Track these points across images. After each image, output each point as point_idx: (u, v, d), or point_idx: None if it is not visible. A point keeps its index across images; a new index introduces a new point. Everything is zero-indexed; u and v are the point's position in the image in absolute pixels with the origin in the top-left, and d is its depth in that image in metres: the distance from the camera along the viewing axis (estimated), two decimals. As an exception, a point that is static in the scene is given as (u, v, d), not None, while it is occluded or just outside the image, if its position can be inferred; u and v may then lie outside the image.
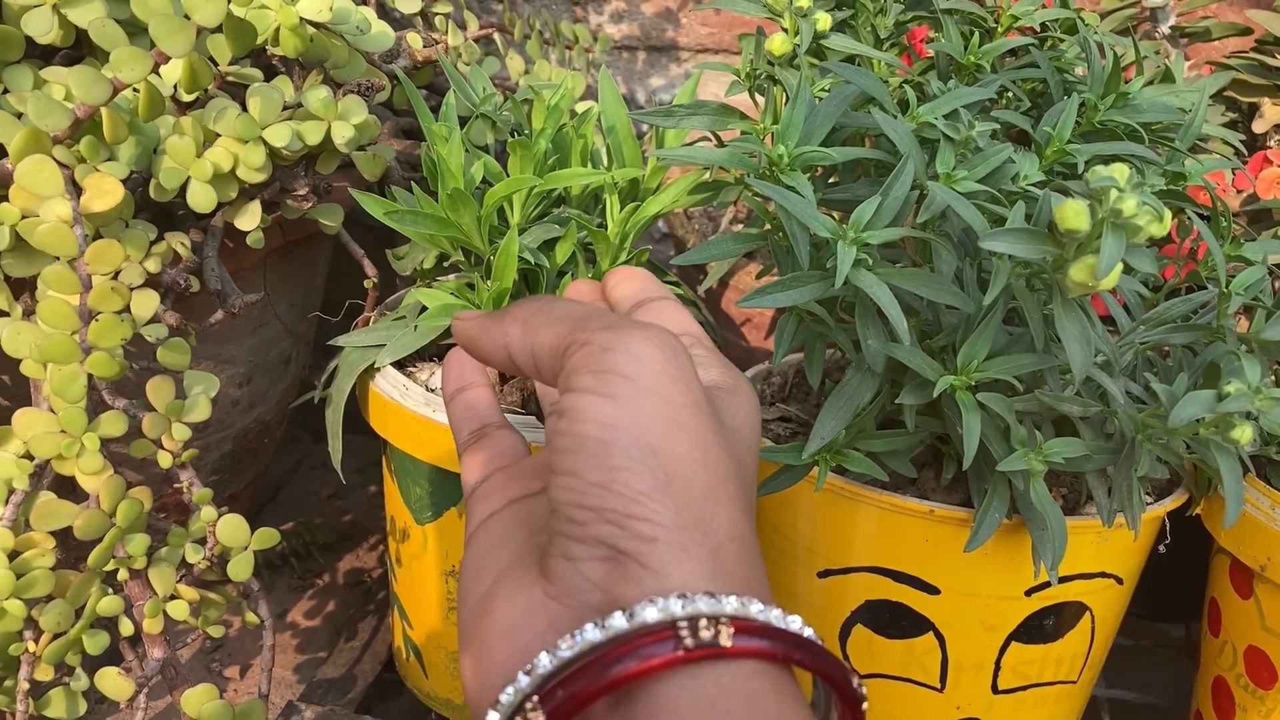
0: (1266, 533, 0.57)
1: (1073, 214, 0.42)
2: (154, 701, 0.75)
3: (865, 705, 0.33)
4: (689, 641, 0.29)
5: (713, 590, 0.31)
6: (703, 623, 0.29)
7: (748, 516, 0.34)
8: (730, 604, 0.30)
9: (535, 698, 0.30)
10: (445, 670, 0.71)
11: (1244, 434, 0.44)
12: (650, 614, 0.30)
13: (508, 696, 0.31)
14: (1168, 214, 0.42)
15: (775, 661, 0.30)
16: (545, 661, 0.30)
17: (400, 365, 0.67)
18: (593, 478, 0.32)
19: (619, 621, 0.30)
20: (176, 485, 0.59)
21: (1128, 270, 0.46)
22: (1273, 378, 0.46)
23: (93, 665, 0.58)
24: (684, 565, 0.31)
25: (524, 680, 0.31)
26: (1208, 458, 0.46)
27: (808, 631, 0.32)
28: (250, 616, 0.62)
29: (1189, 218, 0.53)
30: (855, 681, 0.32)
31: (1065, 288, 0.44)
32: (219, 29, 0.54)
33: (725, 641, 0.29)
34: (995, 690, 0.61)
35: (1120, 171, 0.42)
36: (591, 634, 0.30)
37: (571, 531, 0.32)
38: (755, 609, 0.30)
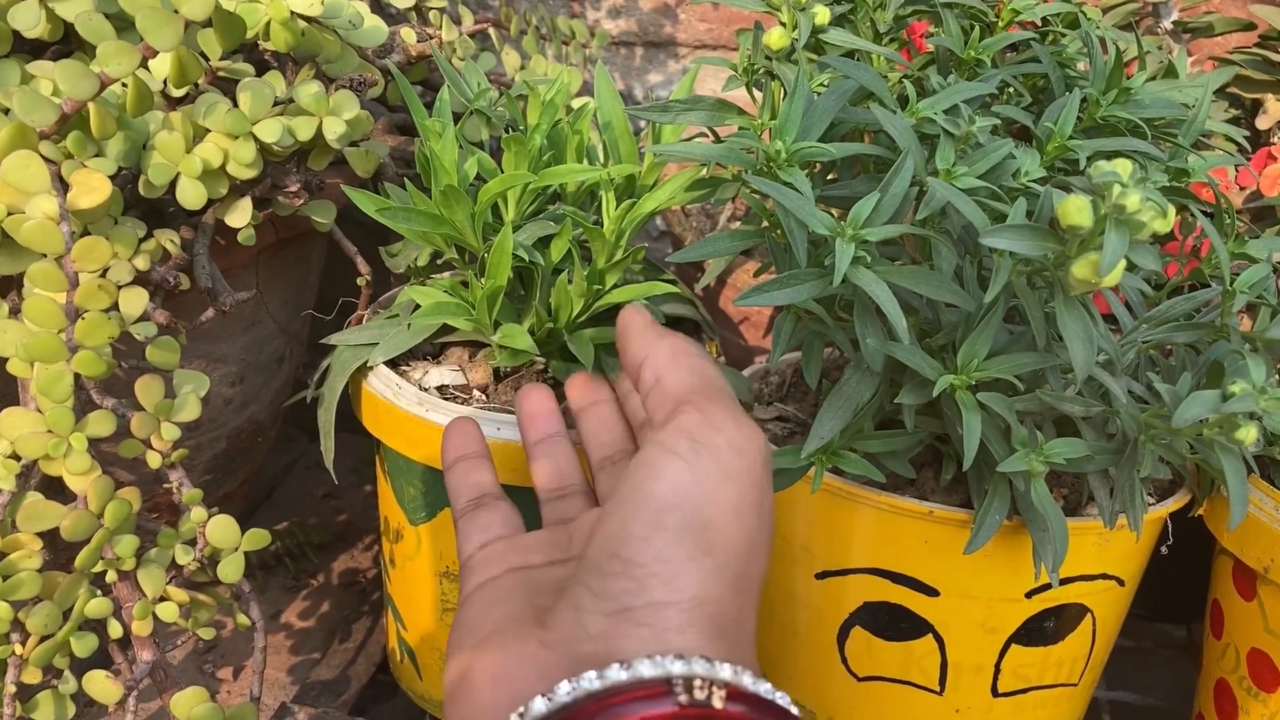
0: (1270, 534, 0.56)
1: (1075, 210, 0.41)
2: (144, 704, 0.74)
3: None
4: (683, 699, 0.31)
5: (710, 657, 0.32)
6: (697, 683, 0.31)
7: (755, 612, 0.36)
8: (725, 671, 0.32)
9: None
10: (439, 672, 0.70)
11: (1249, 434, 0.44)
12: (646, 669, 0.31)
13: None
14: (1171, 210, 0.42)
15: None
16: (540, 705, 0.32)
17: (393, 364, 0.66)
18: (639, 530, 0.34)
19: (616, 673, 0.31)
20: (167, 485, 0.58)
21: (1130, 267, 0.46)
22: (1277, 378, 0.45)
23: (81, 668, 0.57)
24: (688, 632, 0.33)
25: None
26: (1211, 458, 0.46)
27: (794, 709, 0.33)
28: (241, 618, 0.61)
29: (1192, 215, 0.52)
30: None
31: (1067, 285, 0.44)
32: (208, 23, 0.54)
33: (717, 704, 0.31)
34: (995, 693, 0.60)
35: (1123, 167, 0.42)
36: (589, 682, 0.31)
37: (592, 581, 0.34)
38: (747, 679, 0.32)
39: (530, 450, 0.49)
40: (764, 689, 0.32)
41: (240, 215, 0.61)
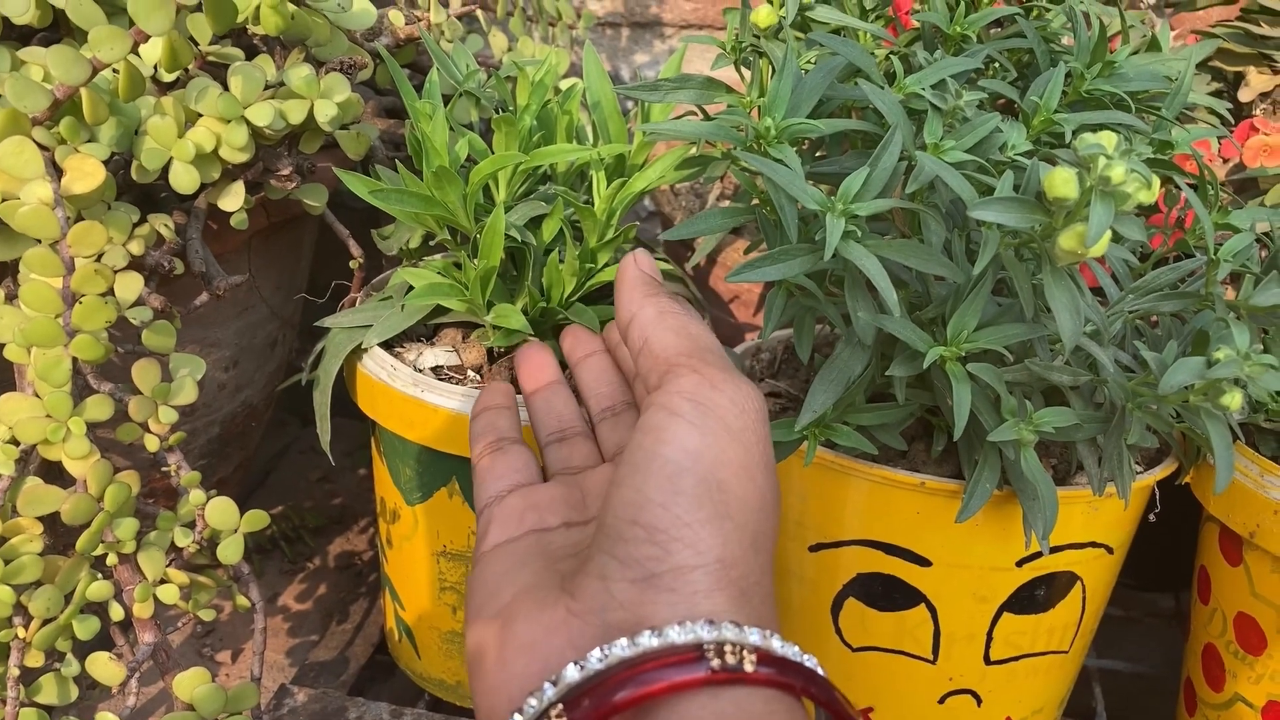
0: (1255, 499, 0.57)
1: (1061, 182, 0.42)
2: (146, 688, 0.74)
3: None
4: (715, 664, 0.31)
5: (739, 622, 0.32)
6: (728, 648, 0.31)
7: (771, 574, 0.36)
8: (754, 635, 0.32)
9: (560, 705, 0.31)
10: (438, 651, 0.71)
11: (1234, 400, 0.44)
12: (678, 635, 0.32)
13: (532, 705, 0.32)
14: (1156, 181, 0.42)
15: (791, 692, 0.32)
16: (573, 673, 0.32)
17: (388, 346, 0.66)
18: (656, 496, 0.33)
19: (648, 640, 0.32)
20: (164, 468, 0.58)
21: (1116, 239, 0.46)
22: (1260, 344, 0.46)
23: (83, 651, 0.57)
24: (715, 596, 0.33)
25: (550, 690, 0.32)
26: (1197, 425, 0.47)
27: (821, 670, 0.34)
28: (241, 600, 0.61)
29: (1176, 186, 0.53)
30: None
31: (1054, 256, 0.44)
32: (199, 7, 0.54)
33: (748, 668, 0.31)
34: (988, 661, 0.61)
35: (1108, 139, 0.42)
36: (622, 649, 0.32)
37: (615, 549, 0.34)
38: (776, 643, 0.33)
39: (529, 399, 0.49)
40: (792, 652, 0.33)
41: (233, 199, 0.61)
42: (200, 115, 0.58)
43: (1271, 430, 0.60)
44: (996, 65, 0.60)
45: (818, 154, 0.62)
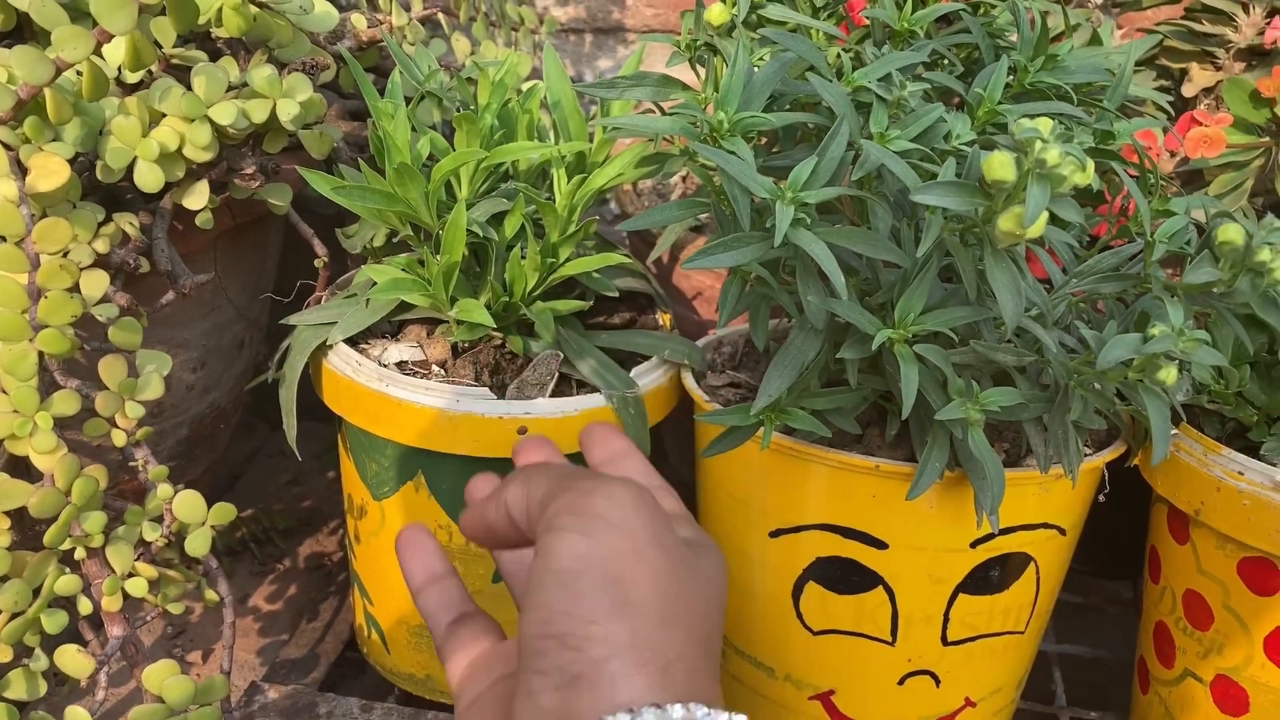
0: (1199, 478, 0.59)
1: (999, 165, 0.43)
2: (116, 688, 0.75)
3: None
4: None
5: (659, 702, 0.33)
6: None
7: (704, 647, 0.37)
8: (676, 711, 0.33)
9: None
10: (407, 645, 0.72)
11: (1169, 375, 0.46)
12: None
13: None
14: (1090, 164, 0.44)
15: None
16: None
17: (353, 343, 0.67)
18: (559, 606, 0.35)
19: None
20: (132, 464, 0.59)
21: (1054, 221, 0.48)
22: (1193, 322, 0.47)
23: (52, 646, 0.58)
24: (633, 680, 0.34)
25: None
26: (1137, 401, 0.48)
27: None
28: (210, 594, 0.62)
29: (1117, 175, 0.55)
30: None
31: (995, 239, 0.46)
32: (162, 11, 0.55)
33: None
34: (945, 642, 0.62)
35: (1044, 124, 0.44)
36: None
37: (534, 664, 0.35)
38: (700, 713, 0.33)
39: (417, 595, 0.48)
40: (721, 718, 0.34)
41: (197, 198, 0.62)
42: (164, 115, 0.59)
43: (1215, 412, 0.62)
44: (944, 60, 0.61)
45: (774, 149, 0.63)
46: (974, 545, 0.59)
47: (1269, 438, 0.58)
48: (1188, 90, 0.75)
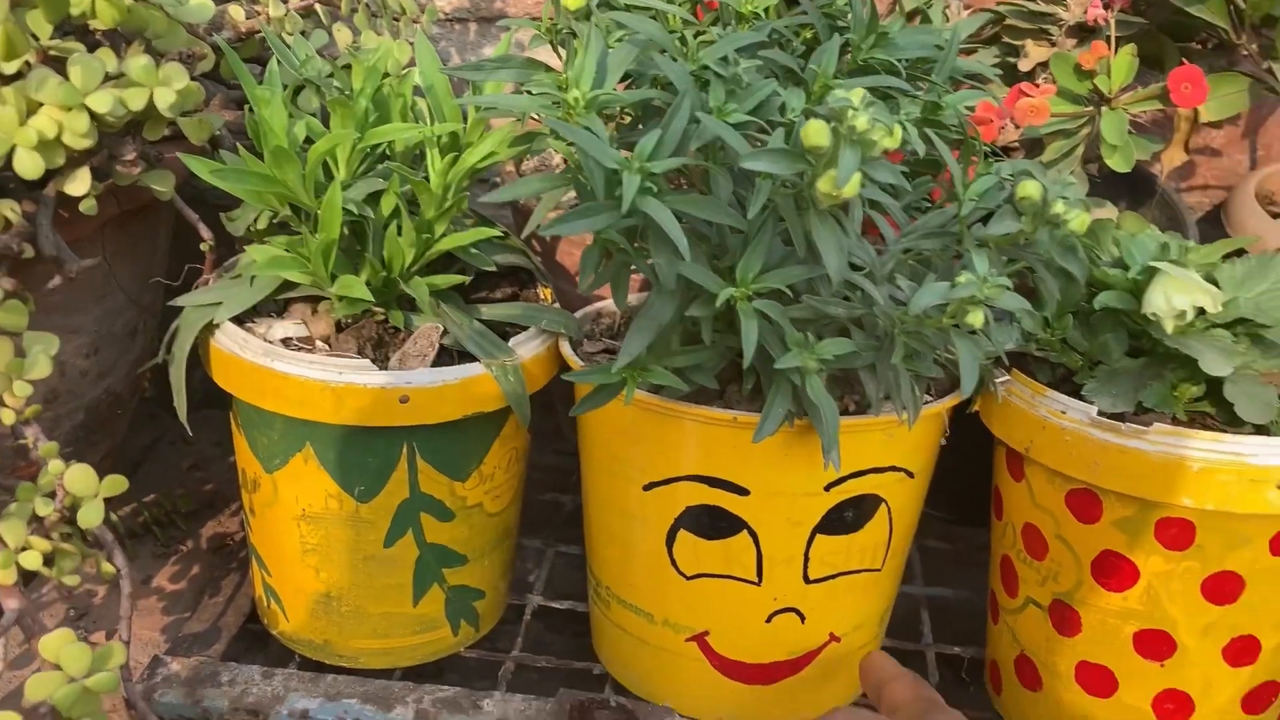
0: (1028, 419, 0.64)
1: (815, 132, 0.48)
2: (17, 671, 0.76)
3: None
4: None
5: None
6: None
7: None
8: None
9: None
10: (304, 611, 0.74)
11: (976, 318, 0.51)
12: None
13: None
14: (897, 129, 0.49)
15: None
16: None
17: (240, 322, 0.70)
18: None
19: None
20: (22, 441, 0.61)
21: (869, 181, 0.52)
22: (998, 271, 0.53)
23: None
24: None
25: None
26: (952, 343, 0.53)
27: None
28: (106, 567, 0.64)
29: (931, 141, 0.60)
30: None
31: (817, 200, 0.50)
32: (34, 5, 0.57)
33: None
34: (807, 580, 0.67)
35: (856, 94, 0.49)
36: None
37: None
38: None
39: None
40: None
41: (79, 184, 0.64)
42: (42, 104, 0.61)
43: (1044, 359, 0.67)
44: (785, 40, 0.66)
45: (638, 128, 0.67)
46: (828, 489, 0.64)
47: (1090, 379, 0.64)
48: (1024, 65, 0.81)
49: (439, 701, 0.71)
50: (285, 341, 0.68)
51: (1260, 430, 0.62)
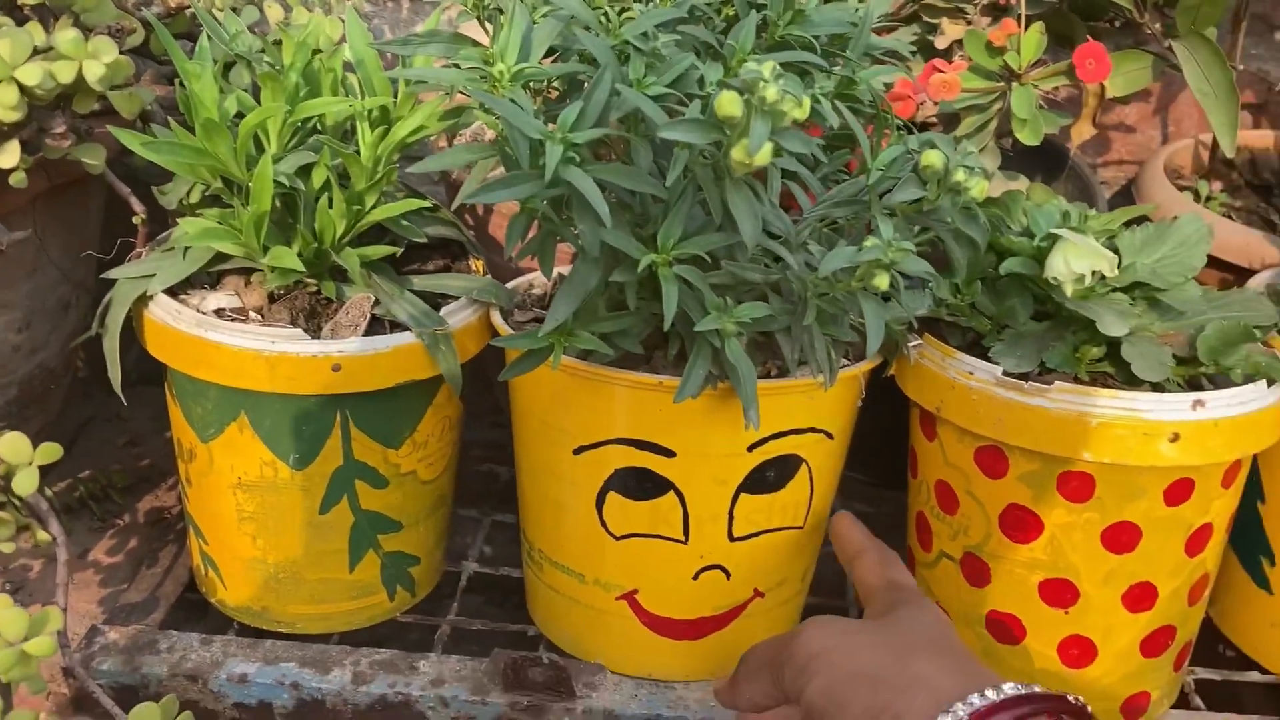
0: (939, 380, 0.68)
1: (728, 102, 0.50)
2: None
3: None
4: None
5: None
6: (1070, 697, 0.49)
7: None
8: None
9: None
10: (241, 578, 0.76)
11: (882, 281, 0.54)
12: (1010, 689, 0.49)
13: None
14: (806, 101, 0.51)
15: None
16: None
17: (173, 294, 0.70)
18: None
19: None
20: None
21: (779, 151, 0.55)
22: (905, 237, 0.55)
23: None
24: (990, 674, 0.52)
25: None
26: (859, 306, 0.56)
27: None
28: (41, 534, 0.65)
29: (840, 113, 0.62)
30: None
31: (732, 168, 0.53)
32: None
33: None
34: (732, 538, 0.69)
35: (767, 67, 0.51)
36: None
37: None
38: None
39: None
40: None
41: (9, 157, 0.65)
42: (-31, 78, 0.61)
43: (955, 324, 0.70)
44: (704, 16, 0.68)
45: (567, 101, 0.69)
46: (750, 449, 0.67)
47: (997, 342, 0.67)
48: (940, 43, 0.84)
49: (376, 664, 0.73)
50: (219, 312, 0.69)
51: (1156, 388, 0.65)
